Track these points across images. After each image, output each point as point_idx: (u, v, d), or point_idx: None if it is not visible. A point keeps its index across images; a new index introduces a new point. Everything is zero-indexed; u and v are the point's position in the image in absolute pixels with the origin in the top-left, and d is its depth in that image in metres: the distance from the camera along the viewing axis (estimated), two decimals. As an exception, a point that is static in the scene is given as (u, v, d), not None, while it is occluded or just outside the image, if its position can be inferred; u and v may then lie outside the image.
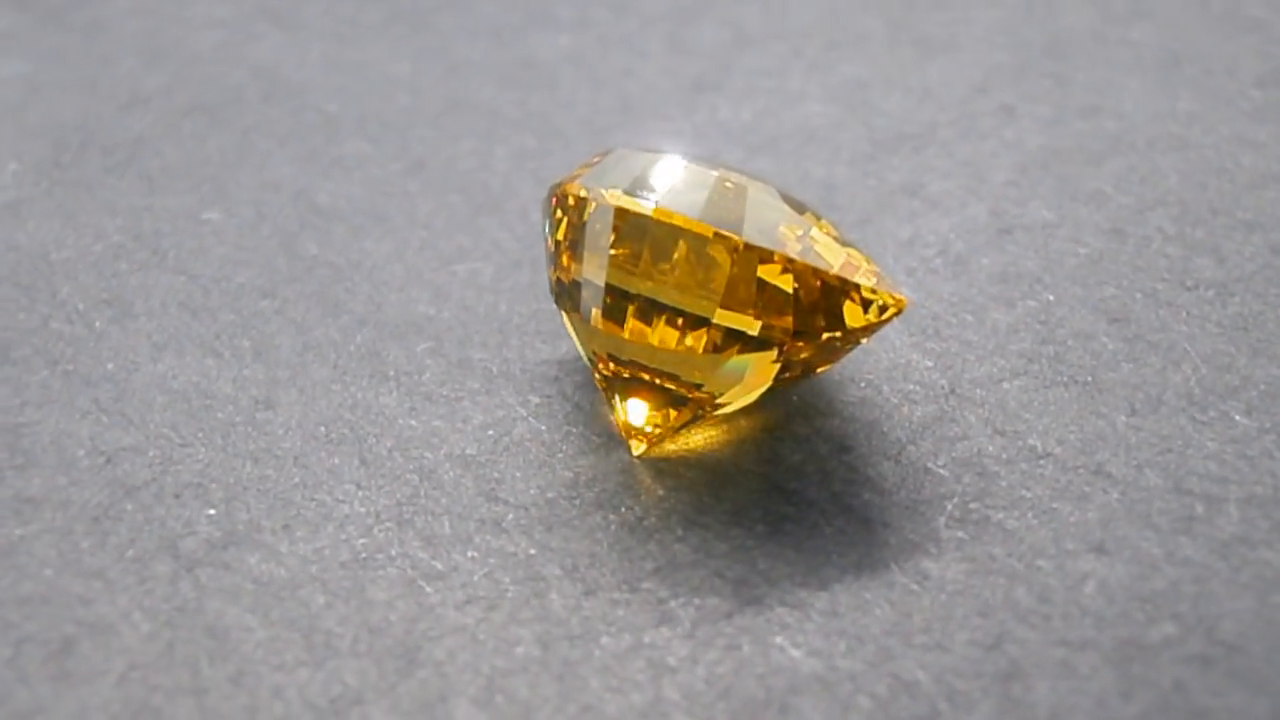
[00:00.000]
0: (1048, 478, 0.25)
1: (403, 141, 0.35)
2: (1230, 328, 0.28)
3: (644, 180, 0.25)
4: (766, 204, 0.25)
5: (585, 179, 0.26)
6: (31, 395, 0.28)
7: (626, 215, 0.25)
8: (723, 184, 0.25)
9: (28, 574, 0.25)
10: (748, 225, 0.24)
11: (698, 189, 0.25)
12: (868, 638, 0.23)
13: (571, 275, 0.25)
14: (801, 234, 0.25)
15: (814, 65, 0.37)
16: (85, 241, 0.32)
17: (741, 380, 0.25)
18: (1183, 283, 0.29)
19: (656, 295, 0.24)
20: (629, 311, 0.25)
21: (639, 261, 0.24)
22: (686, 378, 0.25)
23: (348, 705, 0.22)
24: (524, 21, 0.40)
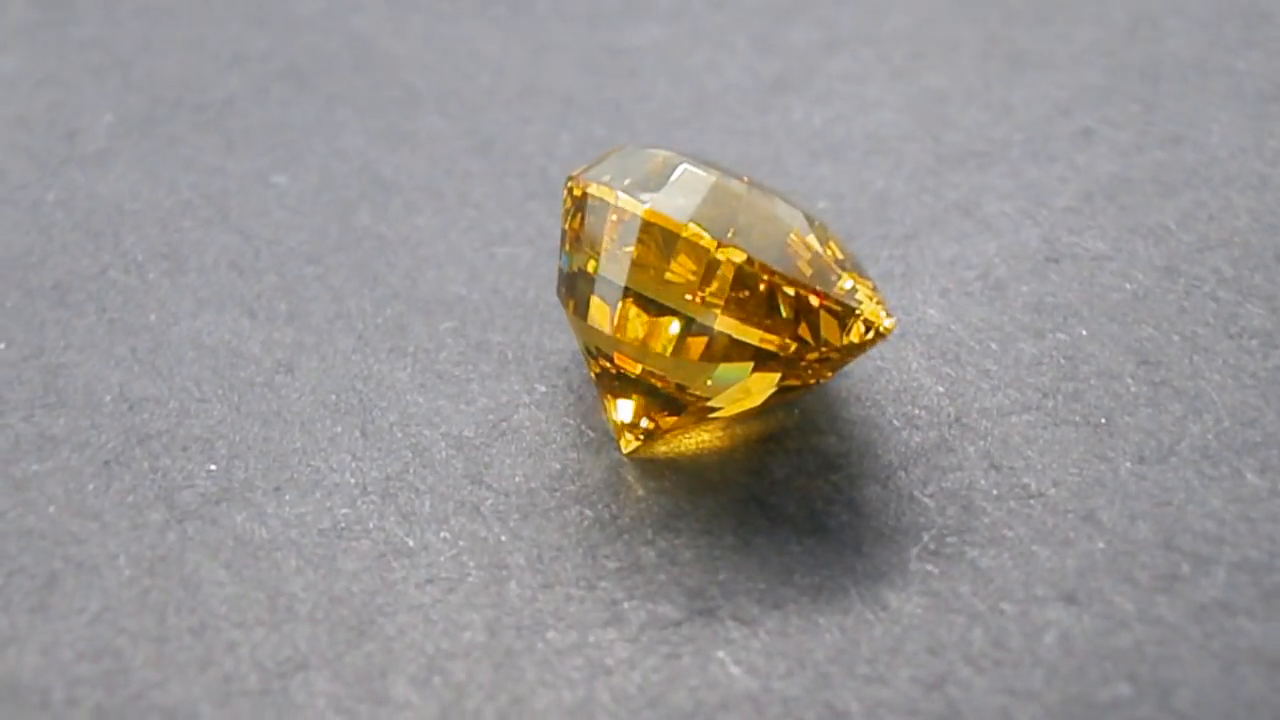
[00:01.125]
0: (1034, 519, 0.25)
1: (475, 121, 0.36)
2: (1266, 381, 0.27)
3: (645, 181, 0.25)
4: (767, 214, 0.25)
5: (593, 174, 0.26)
6: (76, 339, 0.30)
7: (629, 216, 0.25)
8: (723, 190, 0.25)
9: (34, 509, 0.26)
10: (747, 235, 0.24)
11: (694, 193, 0.24)
12: (810, 662, 0.22)
13: (575, 268, 0.26)
14: (800, 247, 0.24)
15: (897, 73, 0.36)
16: (158, 195, 0.33)
17: (733, 389, 0.25)
18: (1227, 329, 0.28)
19: (659, 297, 0.24)
20: (629, 312, 0.25)
21: (643, 263, 0.24)
22: (680, 381, 0.25)
23: (293, 669, 0.23)
24: (621, 8, 0.40)
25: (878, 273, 0.30)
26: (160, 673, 0.23)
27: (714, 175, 0.25)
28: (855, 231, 0.31)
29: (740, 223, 0.24)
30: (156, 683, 0.23)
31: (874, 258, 0.31)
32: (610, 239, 0.25)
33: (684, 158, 0.26)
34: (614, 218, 0.25)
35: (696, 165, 0.25)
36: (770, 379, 0.25)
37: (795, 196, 0.29)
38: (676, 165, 0.25)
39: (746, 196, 0.25)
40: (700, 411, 0.25)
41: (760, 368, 0.24)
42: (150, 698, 0.22)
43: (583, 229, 0.25)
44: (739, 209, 0.25)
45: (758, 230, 0.24)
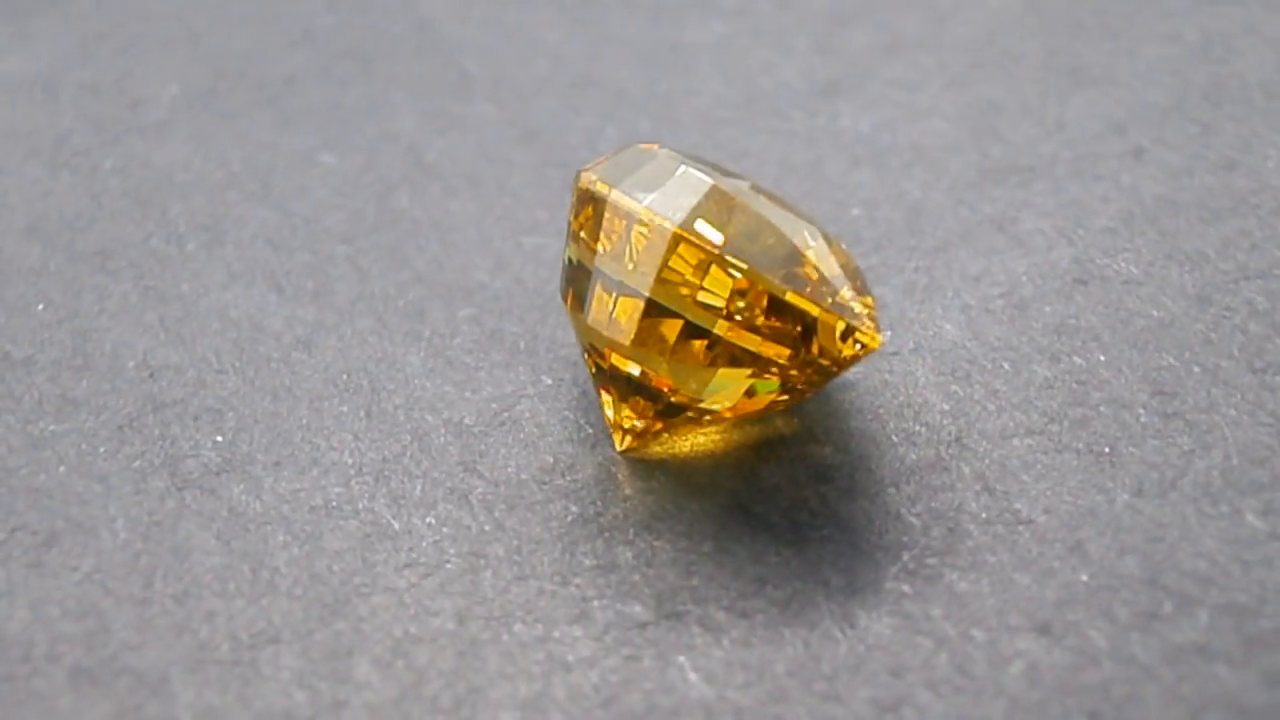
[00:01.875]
0: (1020, 545, 0.24)
1: (524, 109, 0.36)
2: None
3: (646, 180, 0.25)
4: (765, 220, 0.24)
5: (600, 171, 0.26)
6: (110, 304, 0.30)
7: (627, 215, 0.24)
8: (722, 194, 0.24)
9: (45, 468, 0.27)
10: (741, 240, 0.24)
11: (692, 194, 0.24)
12: (769, 675, 0.22)
13: (575, 263, 0.26)
14: (795, 255, 0.24)
15: (953, 82, 0.35)
16: (208, 168, 0.34)
17: (724, 393, 0.25)
18: (1251, 364, 0.27)
19: (657, 298, 0.24)
20: (627, 311, 0.25)
21: (640, 264, 0.24)
22: (673, 384, 0.25)
23: (265, 642, 0.23)
24: (689, 3, 0.40)
25: (900, 284, 0.30)
26: (139, 636, 0.23)
27: (714, 179, 0.25)
28: (884, 241, 0.31)
29: (735, 227, 0.24)
30: (134, 645, 0.23)
31: (899, 269, 0.30)
32: (609, 237, 0.25)
33: (689, 160, 0.26)
34: (613, 216, 0.25)
35: (699, 168, 0.25)
36: (761, 385, 0.24)
37: (799, 204, 0.29)
38: (677, 167, 0.25)
39: (746, 202, 0.24)
40: (695, 414, 0.25)
41: (753, 374, 0.24)
42: (125, 660, 0.23)
43: (584, 225, 0.25)
44: (736, 213, 0.24)
45: (752, 236, 0.24)
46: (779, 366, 0.24)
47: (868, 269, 0.30)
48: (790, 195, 0.33)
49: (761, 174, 0.33)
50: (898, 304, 0.29)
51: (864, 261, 0.30)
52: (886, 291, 0.30)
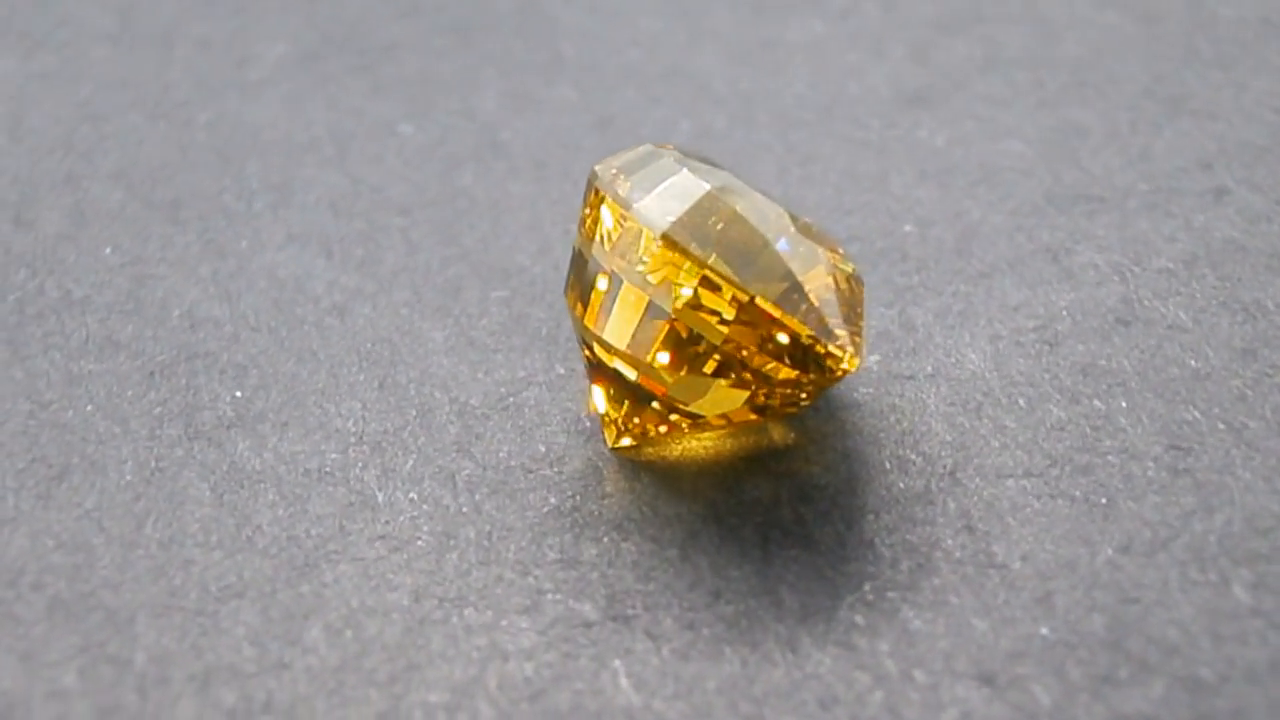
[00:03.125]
0: (986, 590, 0.23)
1: (605, 96, 0.36)
2: None
3: (646, 181, 0.25)
4: (756, 232, 0.24)
5: (610, 167, 0.25)
6: (172, 254, 0.32)
7: (619, 215, 0.24)
8: (715, 201, 0.24)
9: (74, 404, 0.28)
10: (724, 250, 0.24)
11: (684, 200, 0.24)
12: (699, 690, 0.22)
13: (580, 256, 0.25)
14: (782, 269, 0.24)
15: (1044, 102, 0.34)
16: (293, 130, 0.35)
17: (705, 399, 0.24)
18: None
19: (641, 299, 0.24)
20: (615, 308, 0.25)
21: (631, 265, 0.24)
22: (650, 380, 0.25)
23: (229, 597, 0.24)
24: (795, 1, 0.39)
25: (935, 307, 0.29)
26: (119, 575, 0.24)
27: (710, 185, 0.25)
28: (929, 261, 0.30)
29: (721, 235, 0.24)
30: (113, 584, 0.24)
31: (937, 291, 0.29)
32: (607, 235, 0.25)
33: (694, 164, 0.25)
34: (610, 213, 0.25)
35: (698, 173, 0.25)
36: (739, 395, 0.24)
37: (849, 214, 0.28)
38: (678, 170, 0.25)
39: (739, 210, 0.24)
40: (682, 417, 0.25)
41: (733, 384, 0.24)
42: (101, 597, 0.24)
43: (587, 220, 0.25)
44: (725, 220, 0.24)
45: (738, 245, 0.24)
46: (755, 375, 0.24)
47: (906, 289, 0.30)
48: (846, 206, 0.32)
49: (823, 181, 0.33)
50: (927, 327, 0.29)
51: (903, 280, 0.30)
52: (919, 314, 0.29)
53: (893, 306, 0.29)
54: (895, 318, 0.29)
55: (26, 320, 0.30)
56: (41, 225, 0.33)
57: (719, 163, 0.27)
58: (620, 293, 0.25)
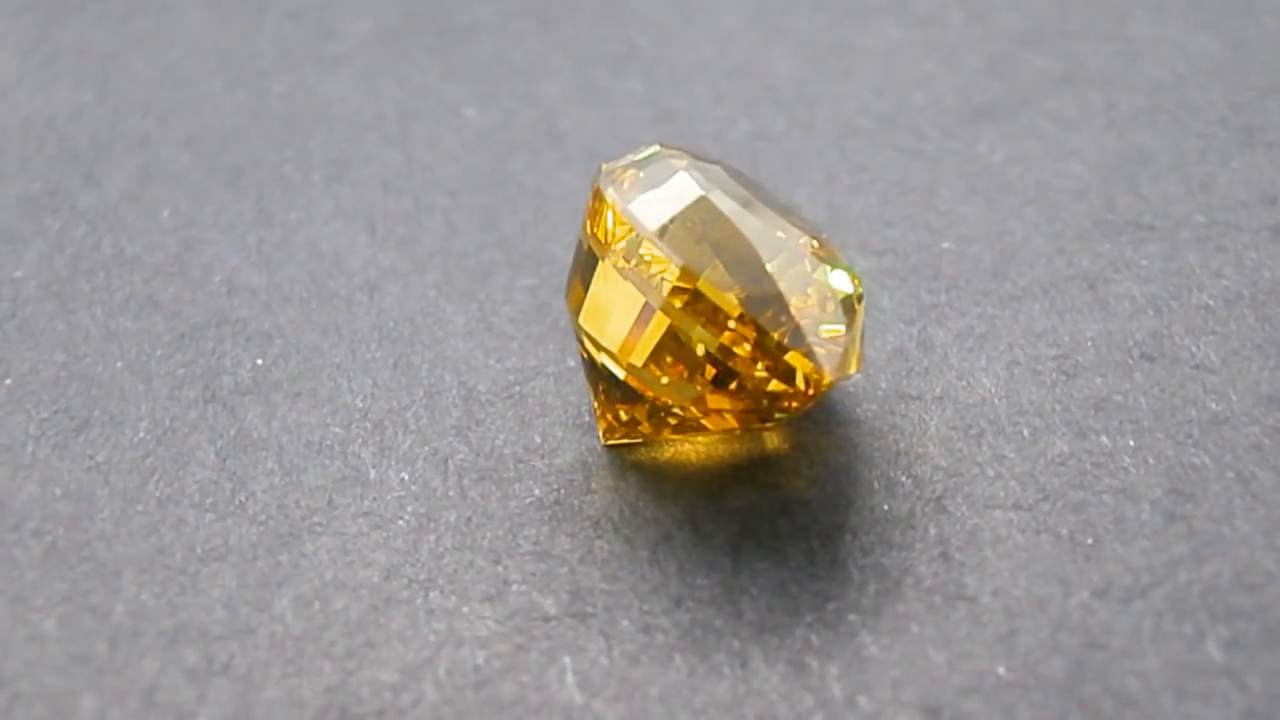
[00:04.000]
0: (949, 622, 0.23)
1: (670, 91, 0.36)
2: None
3: (645, 181, 0.25)
4: (748, 240, 0.23)
5: (617, 165, 0.25)
6: (224, 219, 0.32)
7: (614, 215, 0.24)
8: (708, 206, 0.24)
9: (105, 360, 0.29)
10: (713, 255, 0.23)
11: (676, 203, 0.24)
12: (640, 695, 0.22)
13: (579, 252, 0.25)
14: (769, 279, 0.23)
15: (1113, 124, 0.33)
16: (363, 106, 0.36)
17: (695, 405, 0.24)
18: None
19: (625, 299, 0.24)
20: (603, 305, 0.25)
21: (623, 266, 0.24)
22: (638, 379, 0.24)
23: (212, 559, 0.24)
24: (879, 7, 0.38)
25: (958, 327, 0.28)
26: (114, 529, 0.25)
27: (706, 190, 0.24)
28: (961, 280, 0.30)
29: (711, 240, 0.24)
30: (107, 537, 0.25)
31: (963, 311, 0.29)
32: (605, 234, 0.25)
33: (697, 167, 0.25)
34: (609, 212, 0.25)
35: (697, 177, 0.25)
36: (724, 401, 0.24)
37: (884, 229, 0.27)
38: (675, 173, 0.24)
39: (731, 217, 0.24)
40: (668, 416, 0.25)
41: (718, 389, 0.24)
42: (94, 549, 0.25)
43: (590, 217, 0.25)
44: (718, 227, 0.24)
45: (726, 253, 0.24)
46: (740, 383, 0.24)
47: (931, 306, 0.29)
48: (888, 218, 0.31)
49: (869, 191, 0.32)
50: (944, 348, 0.28)
51: (930, 298, 0.29)
52: (939, 333, 0.28)
53: (914, 324, 0.29)
54: (915, 335, 0.28)
55: (78, 275, 0.31)
56: (109, 183, 0.34)
57: (735, 168, 0.26)
58: (615, 292, 0.25)
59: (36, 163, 0.35)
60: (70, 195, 0.34)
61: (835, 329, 0.24)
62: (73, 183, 0.34)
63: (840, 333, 0.24)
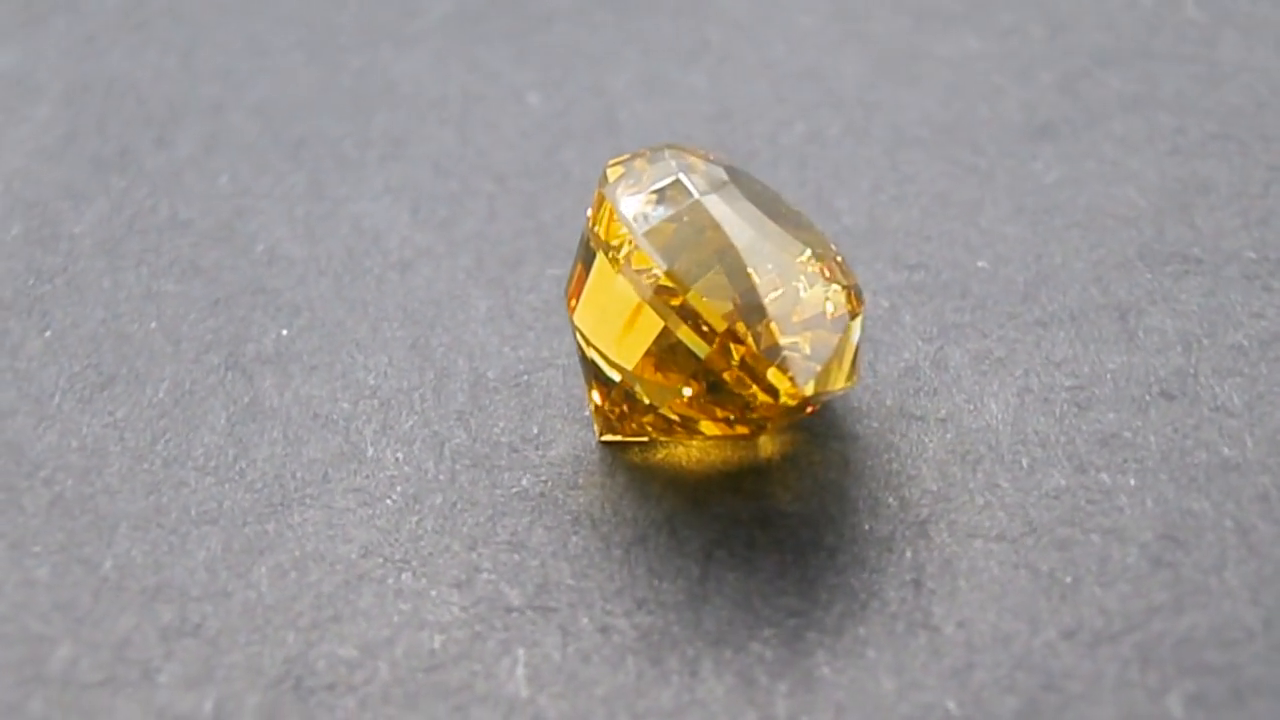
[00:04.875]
0: (908, 650, 0.22)
1: (732, 90, 0.35)
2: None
3: (642, 180, 0.24)
4: (733, 245, 0.23)
5: (622, 163, 0.25)
6: (278, 190, 0.33)
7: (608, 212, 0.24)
8: (699, 211, 0.23)
9: (141, 320, 0.30)
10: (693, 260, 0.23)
11: (669, 206, 0.24)
12: (585, 694, 0.22)
13: (581, 246, 0.25)
14: (755, 288, 0.23)
15: (1178, 149, 0.32)
16: (430, 86, 0.36)
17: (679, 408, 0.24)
18: None
19: (613, 300, 0.24)
20: (608, 313, 0.24)
21: (614, 264, 0.24)
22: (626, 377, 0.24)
23: (204, 522, 0.25)
24: (965, 13, 0.37)
25: (975, 349, 0.28)
26: (119, 485, 0.26)
27: (701, 194, 0.24)
28: (989, 301, 0.29)
29: (699, 246, 0.23)
30: (111, 492, 0.26)
31: (984, 334, 0.28)
32: (602, 231, 0.25)
33: (699, 170, 0.25)
34: (606, 210, 0.25)
35: (695, 181, 0.24)
36: (709, 407, 0.24)
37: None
38: (675, 175, 0.24)
39: (727, 224, 0.24)
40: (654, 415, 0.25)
41: (700, 394, 0.24)
42: (96, 502, 0.26)
43: (594, 213, 0.25)
44: (708, 233, 0.23)
45: (716, 261, 0.23)
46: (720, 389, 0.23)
47: (953, 326, 0.28)
48: (926, 232, 0.31)
49: (912, 204, 0.32)
50: (958, 369, 0.27)
51: (954, 317, 0.28)
52: (956, 354, 0.28)
53: (932, 342, 0.28)
54: (931, 354, 0.28)
55: (132, 235, 0.32)
56: (177, 147, 0.35)
57: (746, 173, 0.26)
58: (608, 289, 0.25)
59: (114, 123, 0.36)
60: (139, 157, 0.35)
61: (818, 343, 0.23)
62: (143, 145, 0.35)
63: (821, 346, 0.23)
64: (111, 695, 0.22)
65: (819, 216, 0.32)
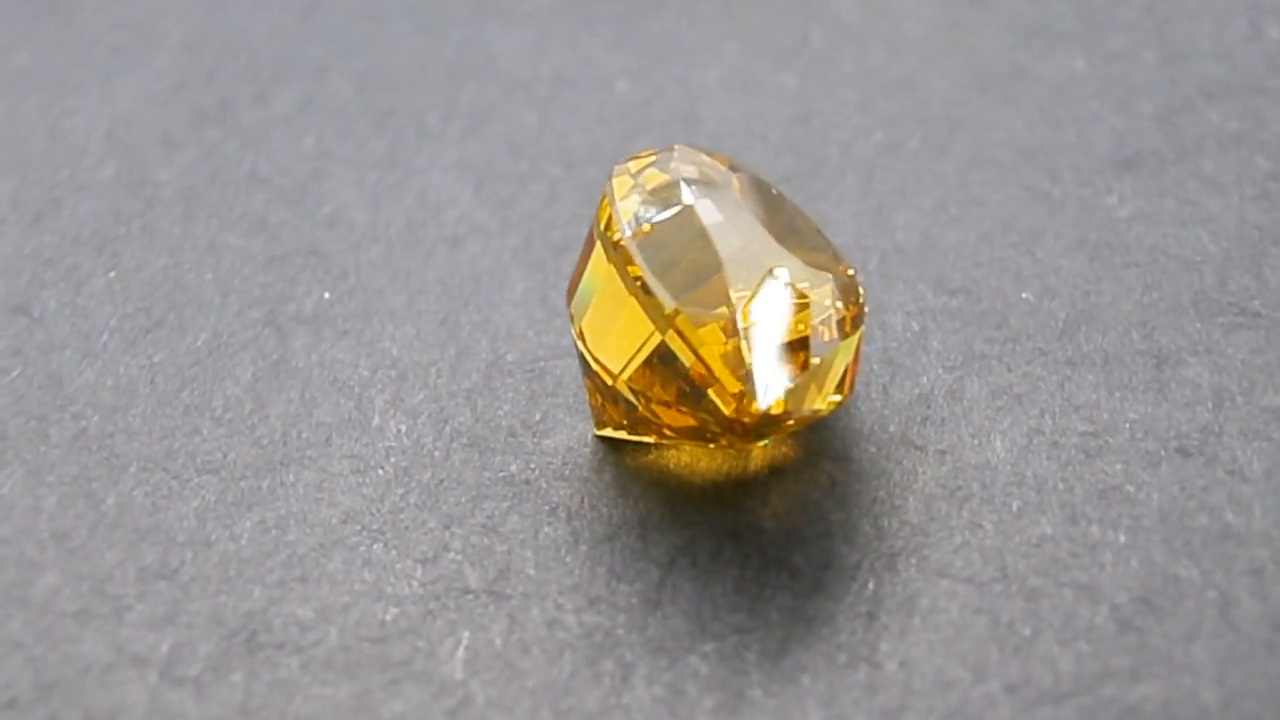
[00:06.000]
0: (843, 684, 0.21)
1: (823, 93, 0.34)
2: (1257, 693, 0.20)
3: (637, 184, 0.24)
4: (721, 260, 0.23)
5: (630, 163, 0.25)
6: (357, 155, 0.34)
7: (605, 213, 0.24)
8: (689, 215, 0.23)
9: (200, 270, 0.30)
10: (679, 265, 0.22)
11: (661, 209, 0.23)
12: (516, 685, 0.22)
13: (585, 249, 0.25)
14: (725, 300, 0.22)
15: (1264, 195, 0.30)
16: (525, 65, 0.36)
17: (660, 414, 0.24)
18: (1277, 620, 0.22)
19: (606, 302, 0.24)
20: (599, 314, 0.24)
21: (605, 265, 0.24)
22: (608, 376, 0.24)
23: (206, 471, 0.26)
24: (1078, 35, 0.36)
25: (996, 384, 0.27)
26: (139, 426, 0.27)
27: (693, 201, 0.24)
28: (1022, 335, 0.28)
29: (681, 253, 0.23)
30: (132, 433, 0.27)
31: (1009, 367, 0.27)
32: (602, 224, 0.25)
33: (708, 172, 0.24)
34: (605, 205, 0.24)
35: (694, 186, 0.24)
36: (682, 418, 0.23)
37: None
38: (674, 179, 0.24)
39: (715, 232, 0.23)
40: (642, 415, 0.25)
41: (665, 398, 0.23)
42: (115, 442, 0.27)
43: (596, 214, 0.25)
44: (694, 240, 0.23)
45: (696, 270, 0.23)
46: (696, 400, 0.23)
47: (979, 357, 0.27)
48: (978, 257, 0.30)
49: (972, 227, 0.30)
50: (973, 402, 0.26)
51: (983, 348, 0.27)
52: (974, 386, 0.27)
53: (954, 371, 0.27)
54: (949, 384, 0.27)
55: (211, 187, 0.33)
56: (273, 105, 0.36)
57: (760, 180, 0.25)
58: (599, 284, 0.24)
59: (222, 77, 0.37)
60: (236, 111, 0.36)
61: (791, 360, 0.23)
62: (243, 100, 0.36)
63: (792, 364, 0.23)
64: (81, 626, 0.24)
65: (873, 231, 0.31)
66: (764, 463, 0.26)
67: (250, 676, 0.23)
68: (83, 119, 0.36)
